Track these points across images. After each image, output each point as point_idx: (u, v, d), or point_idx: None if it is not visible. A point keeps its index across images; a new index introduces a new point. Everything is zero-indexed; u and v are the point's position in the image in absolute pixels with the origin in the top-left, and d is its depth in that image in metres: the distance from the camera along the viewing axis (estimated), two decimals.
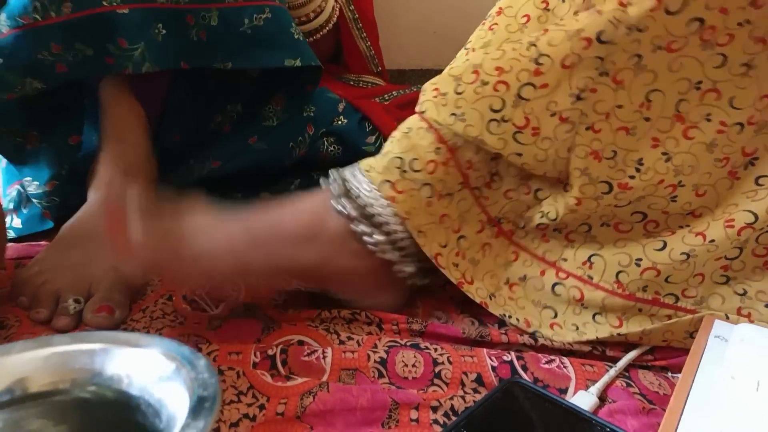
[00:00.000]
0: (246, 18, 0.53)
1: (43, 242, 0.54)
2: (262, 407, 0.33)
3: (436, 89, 0.40)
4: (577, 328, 0.41)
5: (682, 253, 0.38)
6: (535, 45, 0.36)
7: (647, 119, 0.36)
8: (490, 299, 0.43)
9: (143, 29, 0.50)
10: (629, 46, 0.35)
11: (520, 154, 0.38)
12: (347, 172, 0.42)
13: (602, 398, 0.36)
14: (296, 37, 0.55)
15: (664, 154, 0.37)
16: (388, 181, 0.39)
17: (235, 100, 0.60)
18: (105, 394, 0.19)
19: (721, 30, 0.33)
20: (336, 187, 0.41)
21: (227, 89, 0.60)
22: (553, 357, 0.39)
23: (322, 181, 0.43)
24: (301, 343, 0.39)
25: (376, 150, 0.63)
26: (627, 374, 0.38)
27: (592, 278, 0.40)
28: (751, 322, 0.37)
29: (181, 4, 0.51)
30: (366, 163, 0.41)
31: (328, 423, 0.33)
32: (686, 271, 0.38)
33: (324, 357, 0.38)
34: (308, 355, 0.38)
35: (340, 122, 0.62)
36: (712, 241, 0.37)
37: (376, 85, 0.76)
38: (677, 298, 0.39)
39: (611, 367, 0.38)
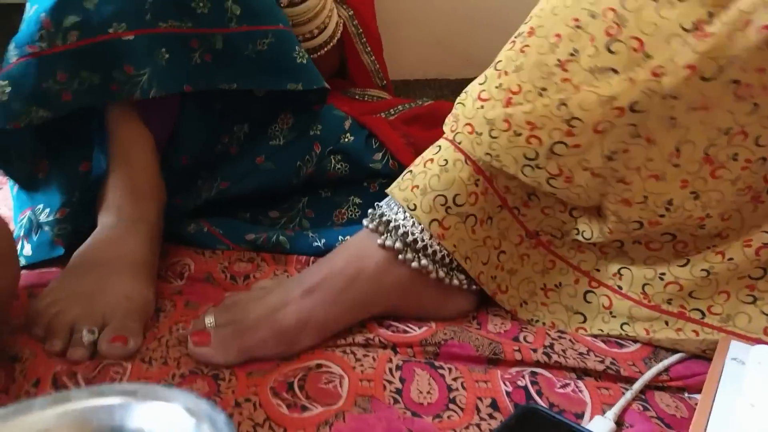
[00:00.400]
0: (250, 43, 0.53)
1: (54, 269, 0.54)
2: None
3: (470, 126, 0.41)
4: (602, 331, 0.43)
5: (702, 270, 0.39)
6: (565, 105, 0.36)
7: (676, 165, 0.36)
8: (521, 306, 0.46)
9: (149, 54, 0.50)
10: (663, 111, 0.34)
11: (553, 193, 0.40)
12: (384, 207, 0.45)
13: (619, 423, 0.36)
14: (299, 61, 0.55)
15: (692, 193, 0.37)
16: (435, 220, 0.42)
17: (242, 120, 0.60)
18: None
19: (758, 86, 0.33)
20: (375, 224, 0.44)
21: (234, 110, 0.60)
22: (567, 381, 0.39)
23: (364, 221, 0.45)
24: (319, 366, 0.40)
25: (383, 167, 0.63)
26: (643, 396, 0.38)
27: (621, 288, 0.42)
28: None
29: (184, 29, 0.52)
30: (404, 198, 0.43)
31: None
32: (709, 287, 0.39)
33: (341, 385, 0.38)
34: (326, 383, 0.38)
35: (346, 140, 0.62)
36: (731, 259, 0.38)
37: (382, 99, 0.76)
38: (703, 314, 0.40)
39: (627, 389, 0.38)
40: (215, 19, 0.52)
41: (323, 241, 0.57)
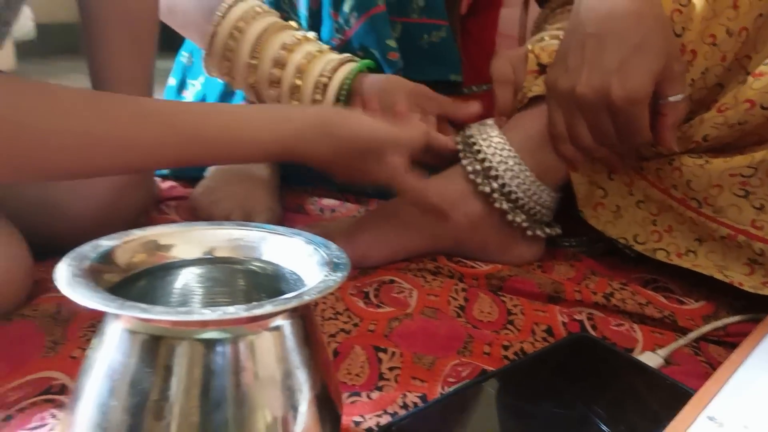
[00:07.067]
0: (425, 33, 0.58)
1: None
2: (356, 325, 0.39)
3: None
4: (618, 208, 0.48)
5: (701, 157, 0.42)
6: None
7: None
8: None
9: None
10: None
11: None
12: (473, 128, 0.49)
13: (668, 361, 0.38)
14: (458, 55, 0.59)
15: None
16: None
17: None
18: (266, 267, 0.26)
19: None
20: (459, 139, 0.49)
21: None
22: (623, 321, 0.42)
23: (453, 137, 0.50)
24: (392, 281, 0.45)
25: None
26: (696, 344, 0.40)
27: (642, 169, 0.47)
28: (762, 235, 0.40)
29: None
30: None
31: (410, 344, 0.37)
32: (703, 178, 0.42)
33: (411, 296, 0.43)
34: (398, 293, 0.43)
35: None
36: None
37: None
38: (700, 204, 0.43)
39: (681, 337, 0.40)
40: (399, 7, 0.57)
41: None
